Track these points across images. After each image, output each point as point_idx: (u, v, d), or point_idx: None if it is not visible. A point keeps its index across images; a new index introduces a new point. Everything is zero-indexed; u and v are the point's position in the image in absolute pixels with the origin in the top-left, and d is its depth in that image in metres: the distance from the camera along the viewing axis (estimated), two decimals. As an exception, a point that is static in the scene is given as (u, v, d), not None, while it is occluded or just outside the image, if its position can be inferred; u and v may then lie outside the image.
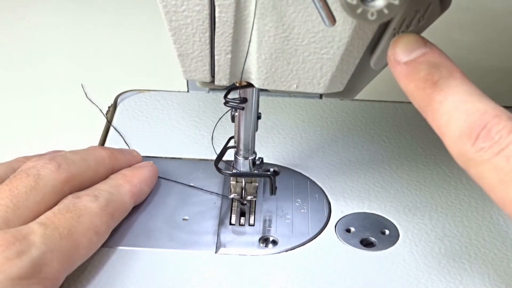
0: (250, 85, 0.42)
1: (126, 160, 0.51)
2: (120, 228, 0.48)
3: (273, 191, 0.50)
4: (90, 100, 0.63)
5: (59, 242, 0.41)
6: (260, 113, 0.48)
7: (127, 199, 0.47)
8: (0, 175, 0.45)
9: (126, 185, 0.48)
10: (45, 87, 0.66)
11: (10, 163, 0.47)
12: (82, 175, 0.46)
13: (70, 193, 0.45)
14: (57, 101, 0.64)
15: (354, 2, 0.33)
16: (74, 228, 0.42)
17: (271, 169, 0.55)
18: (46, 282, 0.40)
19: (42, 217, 0.42)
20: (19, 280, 0.38)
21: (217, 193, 0.52)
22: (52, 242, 0.40)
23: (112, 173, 0.49)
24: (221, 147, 0.50)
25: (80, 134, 0.59)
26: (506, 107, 0.63)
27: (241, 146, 0.49)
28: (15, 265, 0.38)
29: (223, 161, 0.51)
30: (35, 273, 0.39)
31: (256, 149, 0.54)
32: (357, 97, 0.46)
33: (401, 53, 0.36)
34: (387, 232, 0.49)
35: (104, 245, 0.46)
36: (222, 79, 0.41)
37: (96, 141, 0.58)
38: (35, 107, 0.63)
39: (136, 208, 0.50)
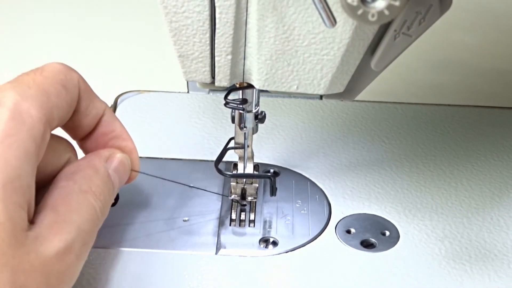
0: (250, 86, 0.42)
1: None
2: (120, 229, 0.48)
3: (273, 192, 0.50)
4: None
5: (28, 91, 0.39)
6: (264, 113, 0.48)
7: None
8: None
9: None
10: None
11: None
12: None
13: None
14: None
15: (355, 3, 0.33)
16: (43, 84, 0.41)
17: (271, 170, 0.55)
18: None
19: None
20: None
21: (218, 193, 0.52)
22: (23, 91, 0.39)
23: None
24: (221, 148, 0.50)
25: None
26: (506, 108, 0.64)
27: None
28: None
29: (223, 162, 0.51)
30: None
31: (256, 150, 0.54)
32: (357, 98, 0.46)
33: None
34: (387, 233, 0.49)
35: (104, 246, 0.46)
36: (222, 80, 0.41)
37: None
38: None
39: (136, 209, 0.50)
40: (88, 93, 0.44)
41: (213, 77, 0.41)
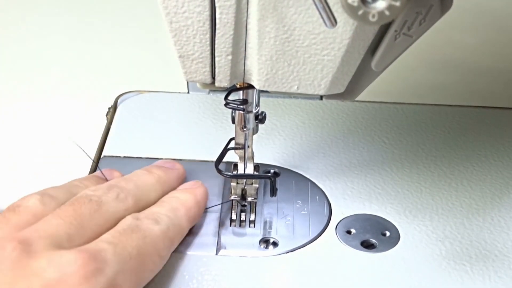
0: (250, 86, 0.42)
1: (174, 178, 0.50)
2: None
3: (273, 192, 0.50)
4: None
5: (129, 262, 0.40)
6: (264, 113, 0.48)
7: (184, 223, 0.47)
8: (60, 198, 0.44)
9: (182, 208, 0.47)
10: (45, 88, 0.66)
11: (67, 187, 0.47)
12: (138, 203, 0.46)
13: None
14: (57, 101, 0.64)
15: (355, 4, 0.33)
16: (141, 249, 0.41)
17: (272, 171, 0.55)
18: None
19: (107, 235, 0.41)
20: None
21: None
22: (123, 261, 0.40)
23: (163, 195, 0.48)
24: (222, 148, 0.50)
25: (80, 135, 0.59)
26: (506, 108, 0.63)
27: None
28: (91, 285, 0.37)
29: (223, 162, 0.51)
30: None
31: (256, 151, 0.54)
32: (358, 98, 0.46)
33: None
34: (387, 233, 0.49)
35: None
36: (222, 81, 0.41)
37: (96, 142, 0.58)
38: (35, 108, 0.63)
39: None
40: None
41: (213, 77, 0.41)
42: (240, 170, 0.51)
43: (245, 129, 0.48)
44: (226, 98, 0.46)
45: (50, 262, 0.37)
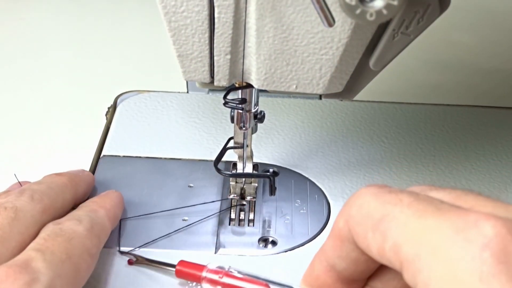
0: (249, 85, 0.42)
1: (84, 180, 0.50)
2: (120, 229, 0.48)
3: (272, 191, 0.50)
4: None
5: (62, 266, 0.39)
6: (263, 112, 0.48)
7: (106, 222, 0.46)
8: None
9: (101, 210, 0.46)
10: (45, 88, 0.66)
11: None
12: (54, 204, 0.45)
13: (48, 222, 0.43)
14: (57, 101, 0.64)
15: (353, 3, 0.33)
16: (70, 252, 0.40)
17: (271, 170, 0.55)
18: None
19: (32, 244, 0.40)
20: None
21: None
22: (56, 266, 0.39)
23: (76, 197, 0.48)
24: (221, 147, 0.50)
25: (80, 135, 0.59)
26: (506, 108, 0.64)
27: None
28: None
29: (222, 161, 0.51)
30: None
31: (255, 150, 0.54)
32: (357, 97, 0.46)
33: None
34: (386, 232, 0.49)
35: (104, 246, 0.46)
36: (221, 80, 0.41)
37: (95, 142, 0.58)
38: (35, 108, 0.63)
39: (136, 209, 0.50)
40: None
41: (212, 76, 0.41)
42: (239, 169, 0.51)
43: (244, 128, 0.48)
44: (225, 97, 0.46)
45: None
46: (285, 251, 0.48)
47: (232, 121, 0.48)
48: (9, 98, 0.65)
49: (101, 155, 0.56)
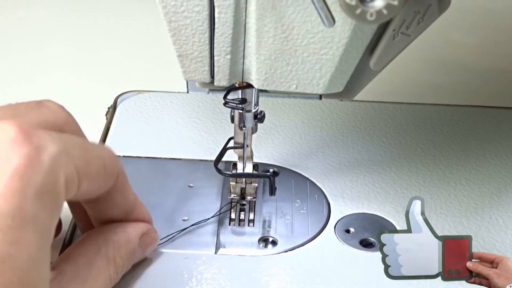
0: (249, 85, 0.42)
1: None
2: None
3: (272, 191, 0.50)
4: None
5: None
6: (263, 112, 0.48)
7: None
8: None
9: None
10: (44, 88, 0.66)
11: None
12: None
13: None
14: (57, 101, 0.64)
15: (353, 3, 0.33)
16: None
17: (271, 170, 0.55)
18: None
19: None
20: None
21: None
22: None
23: None
24: (221, 147, 0.50)
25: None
26: (506, 108, 0.64)
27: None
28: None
29: (222, 161, 0.51)
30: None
31: (255, 150, 0.54)
32: (357, 97, 0.46)
33: None
34: (386, 232, 0.49)
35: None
36: (221, 80, 0.41)
37: (96, 142, 0.58)
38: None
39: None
40: (123, 187, 0.43)
41: (212, 76, 0.41)
42: (239, 169, 0.51)
43: (244, 128, 0.48)
44: (225, 97, 0.46)
45: None
46: (285, 251, 0.48)
47: (232, 121, 0.48)
48: (9, 98, 0.64)
49: (101, 155, 0.56)
